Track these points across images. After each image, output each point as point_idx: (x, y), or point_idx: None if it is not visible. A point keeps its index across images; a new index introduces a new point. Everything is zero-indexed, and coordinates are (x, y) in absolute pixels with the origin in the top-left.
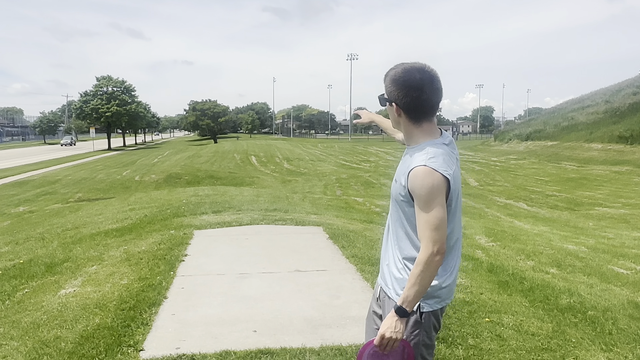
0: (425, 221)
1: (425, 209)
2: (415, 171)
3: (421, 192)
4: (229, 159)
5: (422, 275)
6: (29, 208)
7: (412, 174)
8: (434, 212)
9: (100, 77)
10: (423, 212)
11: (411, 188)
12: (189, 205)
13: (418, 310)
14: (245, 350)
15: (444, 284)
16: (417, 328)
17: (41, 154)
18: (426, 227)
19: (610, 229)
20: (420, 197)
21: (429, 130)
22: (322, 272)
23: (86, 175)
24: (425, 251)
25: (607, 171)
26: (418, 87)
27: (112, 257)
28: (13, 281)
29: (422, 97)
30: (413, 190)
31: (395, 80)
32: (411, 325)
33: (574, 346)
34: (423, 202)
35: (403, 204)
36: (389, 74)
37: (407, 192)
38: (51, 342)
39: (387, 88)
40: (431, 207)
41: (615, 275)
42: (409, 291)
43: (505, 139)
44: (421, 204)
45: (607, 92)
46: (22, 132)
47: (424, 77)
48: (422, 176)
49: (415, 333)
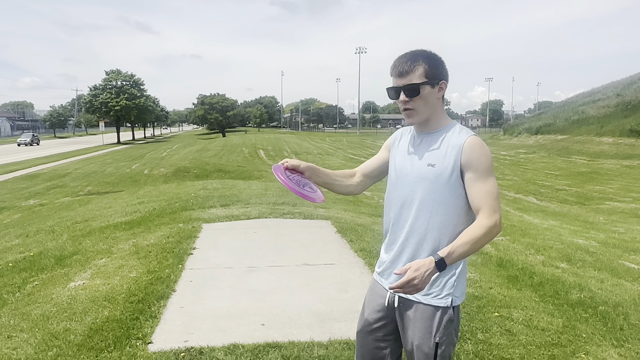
0: (486, 190)
1: (486, 178)
2: (472, 141)
3: (482, 160)
4: (237, 152)
5: (479, 240)
6: (39, 201)
7: (468, 145)
8: (494, 181)
9: (109, 71)
10: (484, 183)
11: (467, 160)
12: (198, 198)
13: (451, 306)
14: (253, 343)
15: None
16: (450, 327)
17: (51, 148)
18: (488, 195)
19: (621, 223)
20: (480, 165)
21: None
22: (330, 265)
23: (96, 168)
24: (489, 218)
25: (618, 165)
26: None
27: (121, 250)
28: (23, 273)
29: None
30: (470, 162)
31: (439, 59)
32: (444, 325)
33: (585, 341)
34: (484, 170)
35: (444, 188)
36: (428, 55)
37: (456, 170)
38: (60, 334)
39: (437, 69)
40: (490, 175)
41: (627, 270)
42: (458, 247)
43: (515, 132)
44: (482, 173)
45: (618, 85)
46: (33, 125)
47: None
48: (480, 144)
49: (447, 333)
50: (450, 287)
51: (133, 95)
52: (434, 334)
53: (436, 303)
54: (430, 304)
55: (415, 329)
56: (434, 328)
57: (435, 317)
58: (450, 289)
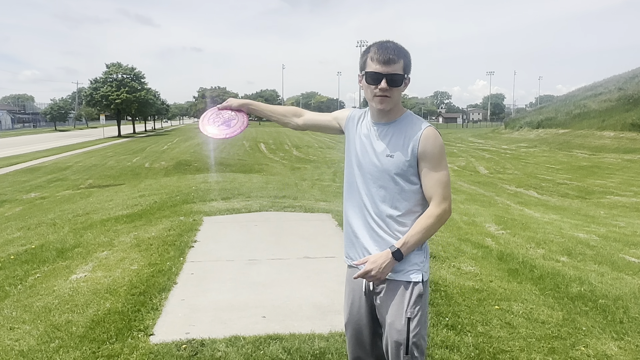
0: (438, 179)
1: (438, 167)
2: (427, 132)
3: (435, 150)
4: (238, 146)
5: (430, 229)
6: (40, 194)
7: (424, 136)
8: (446, 171)
9: (109, 64)
10: (436, 171)
11: (423, 150)
12: (199, 192)
13: (420, 283)
14: (254, 335)
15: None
16: (419, 302)
17: (52, 141)
18: (439, 184)
19: (621, 217)
20: (434, 155)
21: None
22: (331, 258)
23: (96, 162)
24: (438, 206)
25: (619, 159)
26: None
27: (123, 243)
28: (25, 266)
29: None
30: (425, 152)
31: (410, 55)
32: (414, 300)
33: (585, 334)
34: (437, 160)
35: (402, 177)
36: (405, 50)
37: (413, 159)
38: (62, 326)
39: (408, 65)
40: (442, 164)
41: (627, 264)
42: (412, 237)
43: (516, 126)
44: (435, 162)
45: (620, 79)
46: (33, 119)
47: None
48: (434, 136)
49: (418, 309)
50: (420, 263)
51: (134, 89)
52: (405, 309)
53: (407, 279)
54: (402, 279)
55: (389, 307)
56: (405, 304)
57: (406, 293)
58: (419, 266)
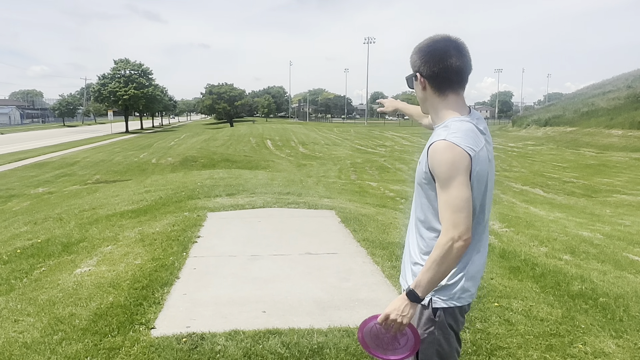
0: (444, 202)
1: (445, 187)
2: (435, 146)
3: (440, 168)
4: (244, 142)
5: (439, 261)
6: (48, 189)
7: (431, 150)
8: (455, 192)
9: (118, 60)
10: (443, 192)
11: (431, 165)
12: (204, 187)
13: (430, 304)
14: (254, 330)
15: (455, 279)
16: (431, 326)
17: (60, 137)
18: (446, 208)
19: (627, 216)
20: (439, 174)
21: (454, 105)
22: (333, 255)
23: (104, 157)
24: (445, 235)
25: (627, 158)
26: (443, 53)
27: (127, 238)
28: (31, 260)
29: (446, 63)
30: (433, 168)
31: (421, 49)
32: (424, 322)
33: (583, 332)
34: (443, 179)
35: (426, 187)
36: (415, 47)
37: (428, 172)
38: (66, 318)
39: (412, 60)
40: (451, 185)
41: (630, 262)
42: (422, 275)
43: (524, 124)
44: (441, 182)
45: (629, 77)
46: (42, 114)
47: (448, 44)
48: (441, 151)
49: (428, 331)
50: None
51: (141, 85)
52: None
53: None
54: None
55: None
56: (415, 322)
57: (416, 313)
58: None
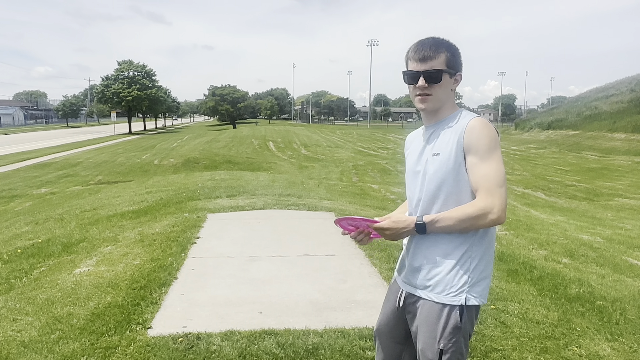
0: (485, 174)
1: (487, 160)
2: (472, 123)
3: (483, 141)
4: (247, 144)
5: (467, 218)
6: (50, 190)
7: (469, 128)
8: (496, 165)
9: (121, 61)
10: (484, 164)
11: (468, 142)
12: (205, 189)
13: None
14: (250, 330)
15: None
16: (455, 334)
17: (64, 137)
18: (486, 178)
19: (628, 220)
20: (481, 147)
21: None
22: (331, 256)
23: (107, 158)
24: (483, 200)
25: (630, 162)
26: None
27: (127, 238)
28: (31, 259)
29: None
30: (470, 145)
31: (458, 50)
32: (449, 332)
33: (579, 335)
34: (484, 152)
35: (450, 177)
36: (449, 44)
37: (459, 156)
38: (64, 318)
39: (452, 59)
40: (492, 158)
41: (629, 266)
42: (444, 218)
43: (526, 127)
44: (481, 155)
45: (632, 80)
46: (46, 115)
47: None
48: (480, 126)
49: (453, 341)
50: (463, 283)
51: (145, 86)
52: (438, 339)
53: (443, 300)
54: (436, 301)
55: (420, 332)
56: (439, 332)
57: (440, 319)
58: (463, 286)
